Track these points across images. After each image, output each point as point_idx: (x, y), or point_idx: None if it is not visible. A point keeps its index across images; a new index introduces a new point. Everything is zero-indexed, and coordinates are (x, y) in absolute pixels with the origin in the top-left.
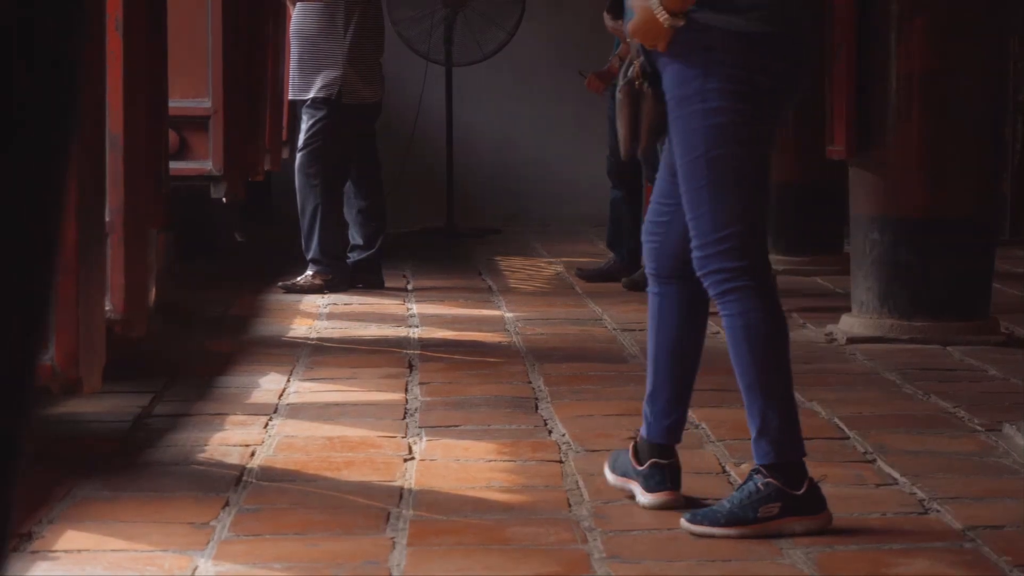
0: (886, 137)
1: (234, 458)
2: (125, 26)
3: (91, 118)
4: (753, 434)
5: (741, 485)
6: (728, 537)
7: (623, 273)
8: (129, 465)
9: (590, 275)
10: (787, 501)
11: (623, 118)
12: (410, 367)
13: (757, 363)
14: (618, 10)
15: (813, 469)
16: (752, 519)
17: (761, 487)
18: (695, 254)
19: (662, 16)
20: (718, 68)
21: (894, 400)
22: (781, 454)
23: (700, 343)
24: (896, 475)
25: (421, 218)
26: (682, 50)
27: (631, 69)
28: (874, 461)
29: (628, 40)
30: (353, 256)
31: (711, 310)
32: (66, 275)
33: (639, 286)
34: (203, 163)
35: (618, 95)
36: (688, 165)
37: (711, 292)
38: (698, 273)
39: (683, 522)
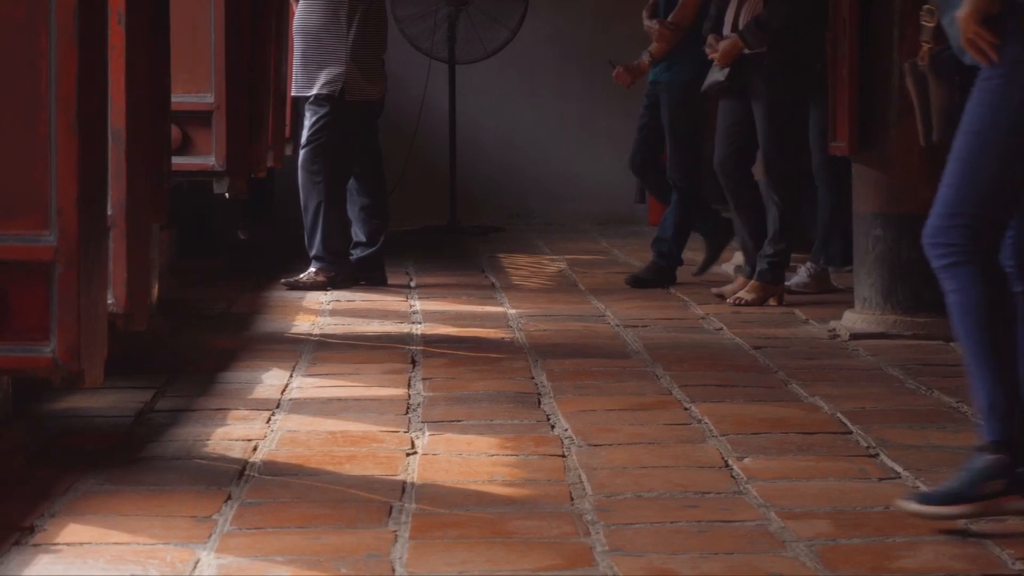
0: (889, 134)
1: (236, 452)
2: (128, 20)
3: (93, 112)
4: (982, 409)
5: (967, 465)
6: (951, 517)
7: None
8: (131, 459)
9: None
10: (1012, 478)
11: (915, 103)
12: (413, 363)
13: (982, 335)
14: (657, 10)
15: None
16: (974, 496)
17: (986, 464)
18: (933, 221)
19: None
20: None
21: (897, 395)
22: (1012, 430)
23: None
24: (899, 469)
25: (424, 215)
26: (1002, 33)
27: (920, 50)
28: (877, 455)
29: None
30: (356, 253)
31: (699, 309)
32: (68, 268)
33: (642, 283)
34: (206, 159)
35: (908, 83)
36: (962, 136)
37: (935, 264)
38: (927, 240)
39: (907, 504)
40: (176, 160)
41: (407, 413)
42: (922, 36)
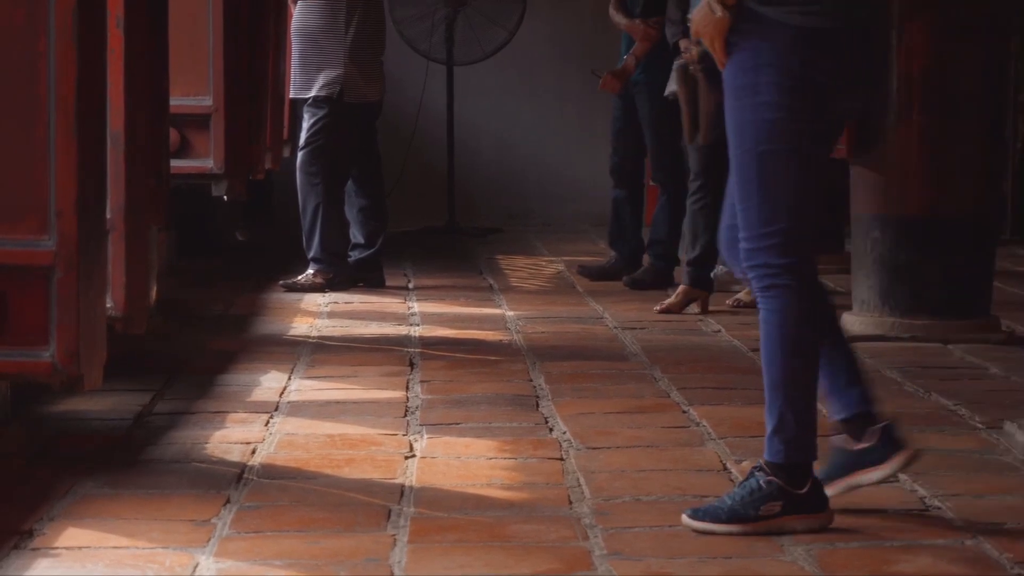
0: (887, 137)
1: (235, 456)
2: (126, 24)
3: (92, 116)
4: (768, 430)
5: (743, 482)
6: (729, 534)
7: (625, 271)
8: (130, 463)
9: (592, 273)
10: (789, 500)
11: (682, 103)
12: (411, 365)
13: (785, 362)
14: (626, 6)
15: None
16: (753, 517)
17: (763, 485)
18: (743, 246)
19: (716, 8)
20: (771, 62)
21: (895, 398)
22: (791, 455)
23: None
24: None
25: (422, 217)
26: (738, 40)
27: (687, 53)
28: None
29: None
30: (354, 255)
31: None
32: (67, 272)
33: (640, 285)
34: (204, 161)
35: (673, 76)
36: (739, 158)
37: (754, 286)
38: (744, 265)
39: (684, 518)
40: (175, 163)
41: (405, 416)
42: (692, 39)
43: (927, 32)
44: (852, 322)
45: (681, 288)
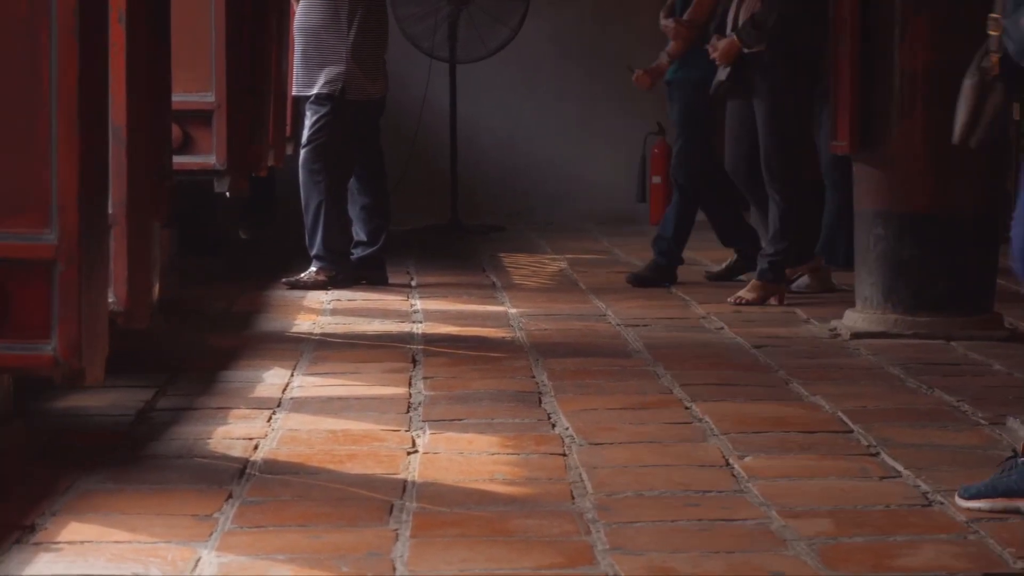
0: (890, 132)
1: (237, 451)
2: (128, 19)
3: (94, 110)
4: None
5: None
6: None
7: (748, 267)
8: (132, 458)
9: (717, 275)
10: None
11: (966, 105)
12: (414, 362)
13: None
14: (671, 9)
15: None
16: None
17: None
18: (1016, 244)
19: None
20: None
21: (898, 394)
22: None
23: None
24: (900, 468)
25: (425, 215)
26: None
27: (986, 60)
28: (878, 454)
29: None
30: (357, 252)
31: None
32: (69, 266)
33: (642, 281)
34: (206, 158)
35: (966, 82)
36: None
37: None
38: (1015, 263)
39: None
40: (177, 159)
41: (408, 412)
42: (989, 46)
43: (930, 27)
44: (855, 319)
45: (757, 282)
